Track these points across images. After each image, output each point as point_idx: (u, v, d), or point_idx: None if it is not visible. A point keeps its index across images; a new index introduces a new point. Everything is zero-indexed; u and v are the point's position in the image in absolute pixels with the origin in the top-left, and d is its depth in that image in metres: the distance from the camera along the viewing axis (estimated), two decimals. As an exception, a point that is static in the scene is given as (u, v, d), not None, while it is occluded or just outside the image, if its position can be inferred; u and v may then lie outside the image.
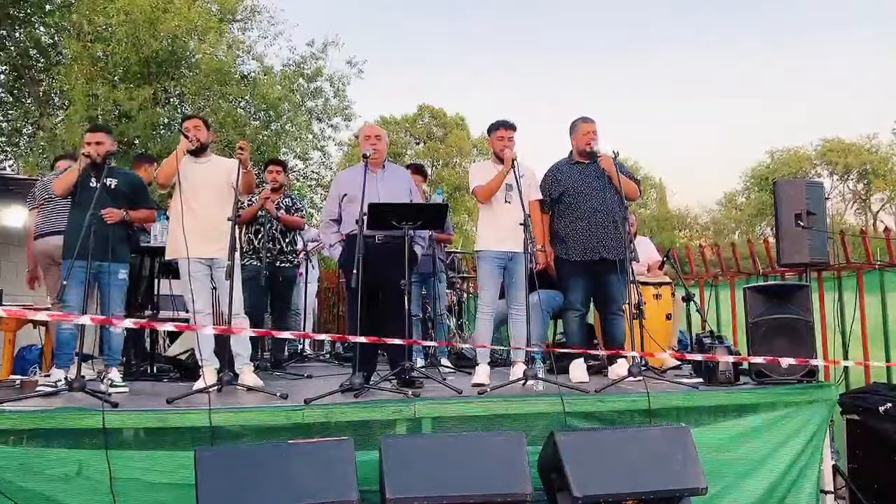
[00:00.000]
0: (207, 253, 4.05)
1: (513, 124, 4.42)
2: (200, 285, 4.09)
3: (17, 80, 14.95)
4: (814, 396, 3.84)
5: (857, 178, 32.81)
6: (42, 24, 14.44)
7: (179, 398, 3.46)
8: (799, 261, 4.45)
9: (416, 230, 4.12)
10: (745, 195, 35.13)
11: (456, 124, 29.30)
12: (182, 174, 4.12)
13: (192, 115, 4.64)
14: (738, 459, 3.63)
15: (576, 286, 4.50)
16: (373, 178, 4.21)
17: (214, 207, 4.09)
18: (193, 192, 4.10)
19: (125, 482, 2.97)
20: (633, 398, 3.60)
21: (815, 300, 4.48)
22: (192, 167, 4.17)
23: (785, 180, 4.78)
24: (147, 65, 12.89)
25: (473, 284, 7.58)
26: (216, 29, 13.29)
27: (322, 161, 17.70)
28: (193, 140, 4.12)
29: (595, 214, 4.44)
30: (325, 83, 16.21)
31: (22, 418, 3.04)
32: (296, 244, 5.78)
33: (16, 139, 15.40)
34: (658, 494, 2.98)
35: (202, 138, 4.20)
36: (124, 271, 4.24)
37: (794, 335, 3.98)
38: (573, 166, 4.60)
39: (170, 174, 4.10)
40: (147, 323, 3.97)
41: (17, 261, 6.01)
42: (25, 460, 2.93)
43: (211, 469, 2.71)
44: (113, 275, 4.12)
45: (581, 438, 3.13)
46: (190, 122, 4.27)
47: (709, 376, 4.07)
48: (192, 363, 4.50)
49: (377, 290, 4.11)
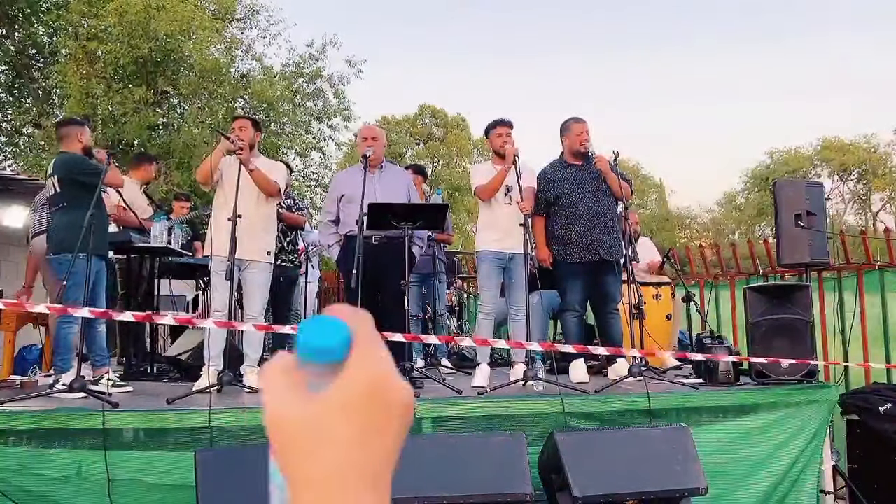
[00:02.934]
0: (242, 254, 3.90)
1: (509, 121, 4.42)
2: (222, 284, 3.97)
3: (17, 79, 14.96)
4: (814, 397, 3.84)
5: (856, 178, 32.81)
6: (40, 24, 14.45)
7: (180, 398, 3.45)
8: (799, 261, 4.45)
9: (415, 230, 4.12)
10: (744, 195, 35.12)
11: (457, 124, 29.28)
12: (224, 174, 4.08)
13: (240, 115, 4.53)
14: (739, 460, 3.63)
15: (574, 287, 4.50)
16: (371, 178, 4.20)
17: (253, 208, 4.01)
18: (233, 193, 3.94)
19: (125, 483, 2.96)
20: (633, 398, 3.60)
21: (815, 300, 4.48)
22: (234, 167, 4.05)
23: (784, 180, 4.78)
24: (143, 65, 12.88)
25: (474, 285, 7.58)
26: (211, 27, 13.27)
27: (322, 162, 17.72)
28: (235, 140, 3.99)
29: (593, 216, 4.44)
30: (325, 83, 16.23)
31: (22, 419, 3.03)
32: (297, 244, 5.78)
33: (16, 139, 15.41)
34: (658, 495, 2.98)
35: (246, 139, 4.07)
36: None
37: (794, 335, 3.98)
38: (567, 168, 4.59)
39: (206, 173, 4.05)
40: (147, 316, 3.95)
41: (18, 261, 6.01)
42: (25, 461, 2.93)
43: (211, 470, 2.71)
44: (102, 272, 4.11)
45: (581, 439, 3.13)
46: (236, 123, 4.20)
47: (709, 376, 4.07)
48: (192, 363, 4.50)
49: (376, 291, 4.11)
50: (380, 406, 0.40)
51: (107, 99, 12.51)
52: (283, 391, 0.40)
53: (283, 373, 0.41)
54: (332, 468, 0.39)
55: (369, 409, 0.39)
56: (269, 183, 4.12)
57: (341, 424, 0.39)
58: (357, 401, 0.39)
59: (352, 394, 0.39)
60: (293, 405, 0.39)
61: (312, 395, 0.40)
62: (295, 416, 0.39)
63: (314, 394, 0.40)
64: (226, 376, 3.74)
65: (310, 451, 0.39)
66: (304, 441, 0.39)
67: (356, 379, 0.40)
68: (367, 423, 0.39)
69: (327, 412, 0.39)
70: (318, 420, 0.39)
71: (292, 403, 0.40)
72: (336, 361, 0.40)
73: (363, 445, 0.39)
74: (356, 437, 0.39)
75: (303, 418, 0.39)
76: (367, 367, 0.40)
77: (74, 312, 3.50)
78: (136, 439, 3.16)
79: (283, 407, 0.40)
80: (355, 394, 0.39)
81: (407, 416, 0.41)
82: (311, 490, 0.39)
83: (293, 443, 0.39)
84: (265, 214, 4.19)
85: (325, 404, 0.39)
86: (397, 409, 0.40)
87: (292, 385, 0.40)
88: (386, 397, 0.40)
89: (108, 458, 2.94)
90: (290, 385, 0.40)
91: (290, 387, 0.40)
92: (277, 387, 0.40)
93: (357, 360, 0.40)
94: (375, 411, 0.40)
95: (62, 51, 13.56)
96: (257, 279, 4.12)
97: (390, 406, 0.40)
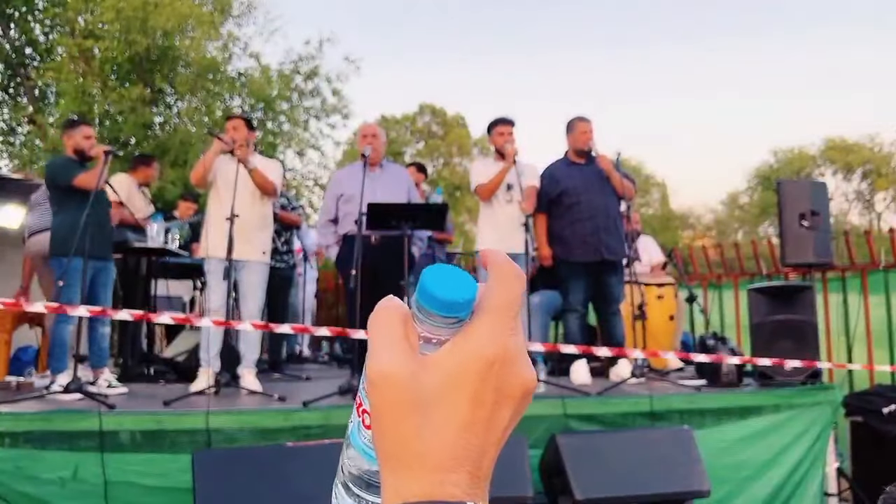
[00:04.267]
0: (238, 254, 3.87)
1: (511, 120, 4.39)
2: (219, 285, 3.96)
3: (12, 77, 14.95)
4: (818, 398, 3.81)
5: (860, 178, 32.76)
6: (36, 21, 14.43)
7: (177, 400, 3.42)
8: (803, 261, 4.42)
9: (415, 230, 4.09)
10: (748, 195, 35.09)
11: (457, 123, 29.28)
12: (219, 173, 4.04)
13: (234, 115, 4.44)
14: (742, 462, 3.60)
15: (576, 287, 4.46)
16: (371, 177, 4.17)
17: (248, 207, 3.98)
18: (228, 192, 3.93)
19: (121, 486, 2.93)
20: (635, 400, 3.57)
21: (818, 301, 4.45)
22: (229, 166, 4.02)
23: (788, 180, 4.74)
24: (140, 62, 12.86)
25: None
26: (209, 23, 13.24)
27: (320, 161, 17.69)
28: (229, 141, 3.97)
29: (595, 215, 4.40)
30: (323, 81, 16.20)
31: (18, 420, 3.00)
32: (291, 244, 5.74)
33: (11, 138, 15.40)
34: (661, 497, 2.95)
35: (241, 139, 4.02)
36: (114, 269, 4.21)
37: (798, 336, 3.95)
38: (571, 166, 4.57)
39: (201, 174, 4.01)
40: (144, 315, 3.93)
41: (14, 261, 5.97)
42: (21, 463, 2.90)
43: (209, 472, 2.68)
44: (108, 274, 4.08)
45: (583, 441, 3.10)
46: (230, 123, 4.15)
47: (712, 378, 4.04)
48: (189, 365, 4.47)
49: (375, 291, 4.07)
50: (495, 385, 0.35)
51: (103, 97, 12.48)
52: (393, 344, 0.35)
53: (398, 322, 0.36)
54: (433, 443, 0.34)
55: (484, 385, 0.35)
56: (267, 182, 4.09)
57: (449, 395, 0.34)
58: (473, 372, 0.35)
59: (469, 363, 0.35)
60: (404, 363, 0.35)
61: (426, 355, 0.35)
62: (403, 376, 0.34)
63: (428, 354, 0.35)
64: (223, 378, 3.71)
65: (411, 421, 0.34)
66: (407, 407, 0.34)
67: (478, 348, 0.35)
68: (478, 400, 0.35)
69: (437, 378, 0.34)
70: (427, 385, 0.34)
71: (403, 361, 0.35)
72: (459, 318, 0.35)
73: (469, 424, 0.35)
74: (463, 413, 0.34)
75: (411, 379, 0.34)
76: (494, 339, 0.35)
77: (71, 311, 3.47)
78: (132, 441, 3.12)
79: (392, 364, 0.35)
80: (473, 364, 0.35)
81: (523, 404, 0.37)
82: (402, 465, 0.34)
83: (394, 408, 0.34)
84: (261, 214, 4.16)
85: (437, 368, 0.35)
86: (515, 394, 0.36)
87: (405, 339, 0.36)
88: (506, 378, 0.35)
89: (105, 461, 2.91)
90: (402, 338, 0.36)
91: (403, 341, 0.35)
92: (389, 338, 0.36)
93: (485, 328, 0.35)
94: (489, 389, 0.35)
95: (58, 48, 13.53)
96: (253, 279, 4.09)
97: (508, 388, 0.36)
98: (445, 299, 0.35)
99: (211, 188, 4.09)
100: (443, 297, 0.35)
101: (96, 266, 3.89)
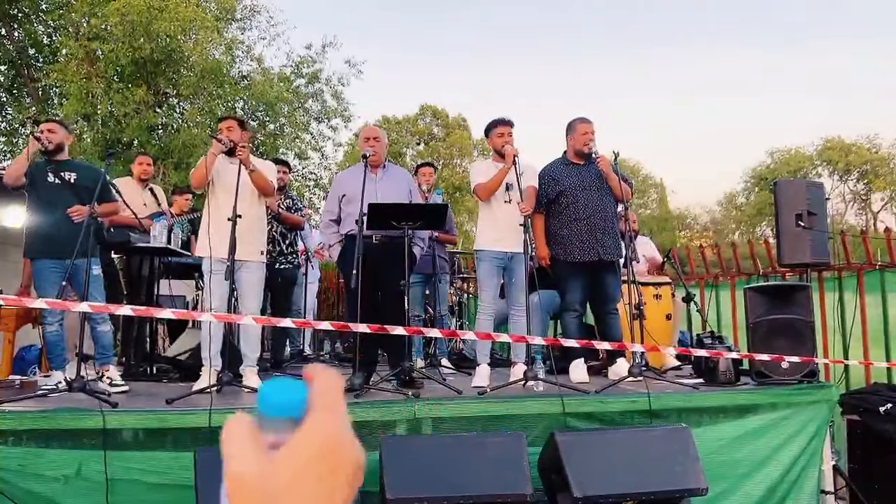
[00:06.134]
0: (237, 254, 3.88)
1: (510, 121, 4.42)
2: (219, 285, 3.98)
3: (16, 78, 14.96)
4: (814, 397, 3.84)
5: (857, 178, 32.80)
6: (40, 23, 14.43)
7: (179, 399, 3.45)
8: (800, 261, 4.45)
9: (415, 230, 4.12)
10: (745, 195, 35.12)
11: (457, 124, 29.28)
12: (217, 174, 4.07)
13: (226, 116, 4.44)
14: (739, 460, 3.62)
15: (574, 287, 4.49)
16: (372, 178, 4.20)
17: (248, 208, 4.01)
18: (227, 193, 3.97)
19: (124, 483, 2.96)
20: (633, 398, 3.60)
21: (815, 301, 4.48)
22: (226, 168, 4.07)
23: (785, 180, 4.76)
24: (143, 65, 12.88)
25: (474, 285, 7.57)
26: (213, 27, 13.27)
27: (320, 162, 17.71)
28: (226, 142, 3.99)
29: (593, 215, 4.44)
30: (324, 85, 16.23)
31: (21, 419, 3.03)
32: (296, 245, 5.77)
33: (15, 139, 15.40)
34: (658, 495, 2.97)
35: (235, 139, 4.05)
36: (97, 267, 4.17)
37: (794, 336, 3.97)
38: (570, 167, 4.59)
39: (201, 176, 4.02)
40: (146, 310, 3.93)
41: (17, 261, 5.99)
42: (25, 461, 2.93)
43: (211, 470, 2.70)
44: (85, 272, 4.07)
45: (581, 439, 3.13)
46: (223, 124, 4.17)
47: (709, 377, 4.06)
48: (191, 364, 4.49)
49: (376, 291, 4.10)
50: (330, 465, 0.41)
51: (107, 99, 12.50)
52: (244, 449, 0.42)
53: (245, 431, 0.43)
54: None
55: (320, 468, 0.41)
56: (267, 182, 4.14)
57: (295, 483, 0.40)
58: (309, 460, 0.41)
59: (305, 453, 0.41)
60: (253, 463, 0.41)
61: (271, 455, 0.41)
62: (254, 474, 0.41)
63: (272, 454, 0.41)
64: (225, 376, 3.74)
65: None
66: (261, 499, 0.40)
67: (309, 438, 0.41)
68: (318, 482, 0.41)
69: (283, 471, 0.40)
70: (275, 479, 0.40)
71: (252, 462, 0.41)
72: (293, 418, 0.42)
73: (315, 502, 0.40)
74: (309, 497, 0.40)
75: (261, 477, 0.40)
76: (321, 428, 0.42)
77: (73, 308, 3.51)
78: (135, 439, 3.15)
79: (243, 464, 0.41)
80: (308, 453, 0.41)
81: (356, 476, 0.42)
82: None
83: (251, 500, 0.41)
84: (258, 215, 4.21)
85: (280, 463, 0.41)
86: (348, 470, 0.42)
87: (253, 443, 0.42)
88: (337, 457, 0.41)
89: (108, 459, 2.93)
90: (250, 443, 0.42)
91: (251, 444, 0.42)
92: (239, 444, 0.42)
93: (312, 420, 0.42)
94: (326, 470, 0.41)
95: (62, 50, 13.54)
96: (252, 279, 4.13)
97: (342, 467, 0.42)
98: (279, 401, 0.43)
99: (209, 189, 4.12)
100: (277, 400, 0.43)
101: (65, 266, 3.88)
